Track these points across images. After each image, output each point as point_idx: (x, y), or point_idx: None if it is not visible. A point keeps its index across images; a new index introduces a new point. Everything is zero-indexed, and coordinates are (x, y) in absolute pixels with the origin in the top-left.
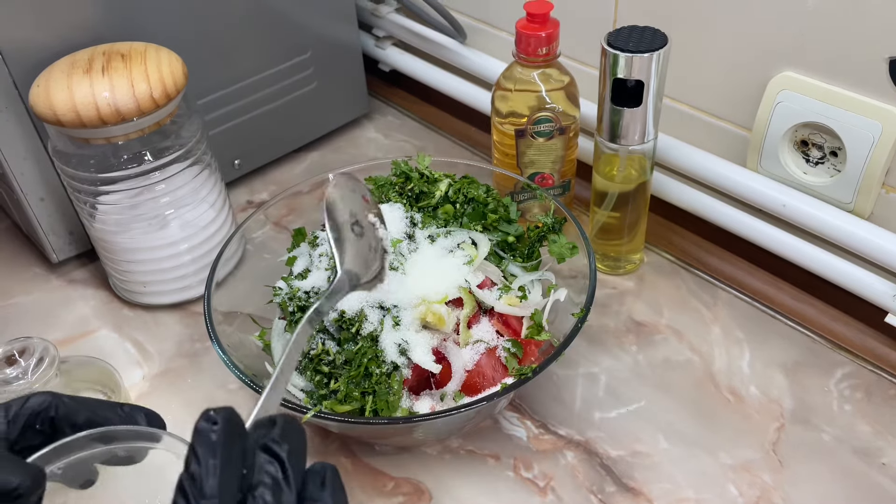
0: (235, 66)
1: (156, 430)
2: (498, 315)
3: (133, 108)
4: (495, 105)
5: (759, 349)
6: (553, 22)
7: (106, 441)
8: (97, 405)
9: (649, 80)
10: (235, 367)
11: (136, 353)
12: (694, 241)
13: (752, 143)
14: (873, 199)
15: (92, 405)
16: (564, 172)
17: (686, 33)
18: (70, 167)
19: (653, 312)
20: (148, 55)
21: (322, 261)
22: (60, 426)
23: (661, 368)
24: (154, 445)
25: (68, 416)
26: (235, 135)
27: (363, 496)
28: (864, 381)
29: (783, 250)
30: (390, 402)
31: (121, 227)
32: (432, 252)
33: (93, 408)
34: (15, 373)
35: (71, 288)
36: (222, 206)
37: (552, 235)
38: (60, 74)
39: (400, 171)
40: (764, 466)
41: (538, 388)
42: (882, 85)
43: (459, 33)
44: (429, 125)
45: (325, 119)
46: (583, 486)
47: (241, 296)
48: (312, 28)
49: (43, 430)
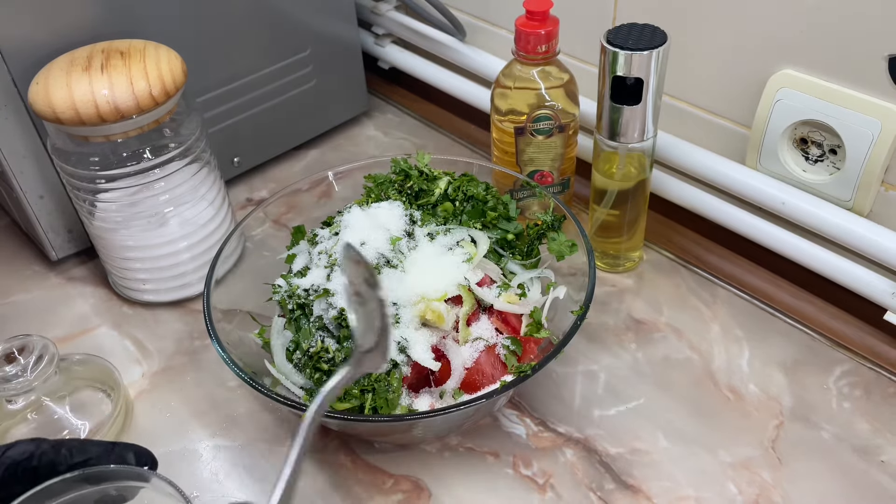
0: (235, 64)
1: (144, 471)
2: (497, 313)
3: (132, 105)
4: (495, 103)
5: (759, 347)
6: (552, 19)
7: (94, 482)
8: (84, 445)
9: (649, 77)
10: (235, 364)
11: (135, 350)
12: (693, 239)
13: (752, 141)
14: (872, 196)
15: (79, 446)
16: (564, 170)
17: (685, 31)
18: (69, 165)
19: (652, 310)
20: (147, 53)
21: (321, 258)
22: (43, 474)
23: (661, 366)
24: (143, 485)
25: (51, 465)
26: (235, 132)
27: (363, 494)
28: (863, 378)
29: (782, 248)
30: (390, 399)
31: (120, 225)
32: (432, 250)
33: (80, 449)
34: (14, 370)
35: (70, 286)
36: (221, 204)
37: (551, 233)
38: (59, 72)
39: (399, 168)
40: (763, 464)
41: (537, 386)
42: (881, 83)
43: (459, 31)
44: (428, 123)
45: (325, 117)
46: (582, 484)
47: (240, 293)
48: (312, 26)
49: (25, 478)
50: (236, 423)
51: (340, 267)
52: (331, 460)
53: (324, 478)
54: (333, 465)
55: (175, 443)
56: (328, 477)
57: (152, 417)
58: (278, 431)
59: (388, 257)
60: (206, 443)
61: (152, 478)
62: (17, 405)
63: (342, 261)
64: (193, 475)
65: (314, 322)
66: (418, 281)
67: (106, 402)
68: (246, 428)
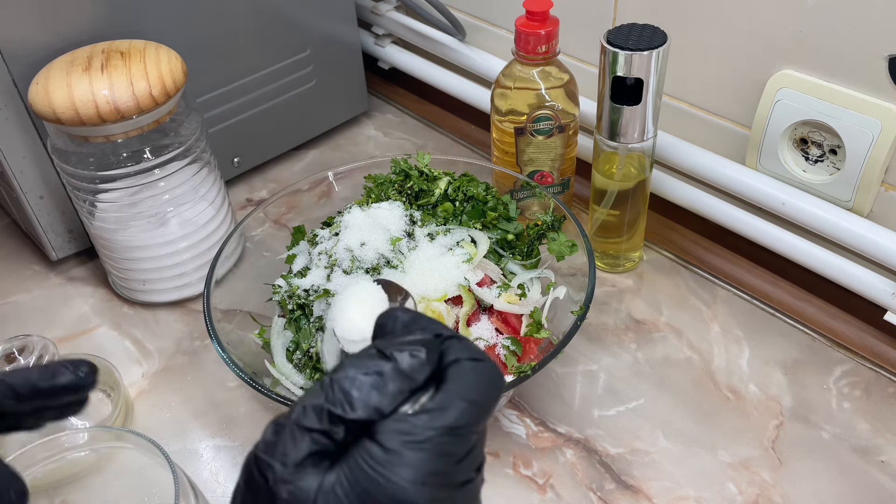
0: (235, 64)
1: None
2: (497, 313)
3: (132, 106)
4: (495, 103)
5: (759, 347)
6: (553, 20)
7: (29, 397)
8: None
9: (649, 77)
10: (235, 364)
11: (135, 350)
12: (693, 239)
13: (752, 141)
14: (872, 196)
15: (13, 371)
16: (564, 170)
17: (685, 31)
18: (69, 165)
19: (652, 310)
20: (147, 53)
21: (321, 259)
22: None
23: (661, 366)
24: (84, 396)
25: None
26: (235, 133)
27: None
28: (862, 378)
29: (782, 248)
30: None
31: (120, 225)
32: (432, 250)
33: (14, 373)
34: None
35: (70, 286)
36: (221, 204)
37: (551, 233)
38: (60, 72)
39: (399, 169)
40: (763, 464)
41: (537, 386)
42: (881, 83)
43: (459, 31)
44: (428, 123)
45: (325, 117)
46: (582, 484)
47: (240, 294)
48: (312, 26)
49: None
50: (236, 423)
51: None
52: None
53: None
54: None
55: (175, 443)
56: None
57: (152, 417)
58: None
59: (388, 258)
60: (206, 443)
61: (90, 383)
62: None
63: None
64: (193, 475)
65: (314, 322)
66: (418, 281)
67: (105, 402)
68: (246, 428)
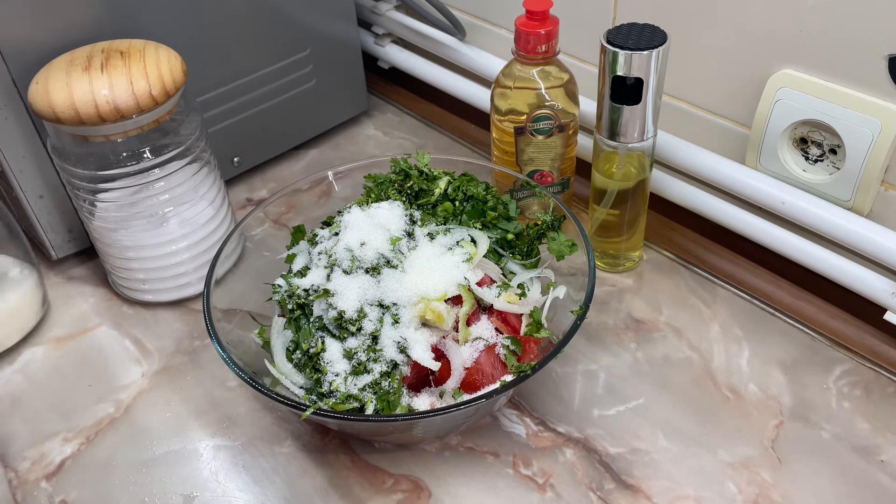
0: (235, 64)
1: None
2: (497, 312)
3: (132, 105)
4: (494, 102)
5: (758, 346)
6: (552, 19)
7: None
8: None
9: (648, 77)
10: (235, 364)
11: (135, 350)
12: (693, 239)
13: (752, 141)
14: (872, 196)
15: None
16: (564, 170)
17: (685, 30)
18: (69, 165)
19: (652, 310)
20: (147, 52)
21: (321, 258)
22: None
23: (660, 366)
24: None
25: None
26: (234, 132)
27: (362, 493)
28: (862, 378)
29: (782, 248)
30: (390, 399)
31: (120, 225)
32: (431, 250)
33: None
34: None
35: (70, 285)
36: (221, 204)
37: (551, 233)
38: (59, 72)
39: (399, 168)
40: (763, 464)
41: (537, 386)
42: (881, 82)
43: (459, 31)
44: (428, 123)
45: (325, 116)
46: (582, 484)
47: (240, 293)
48: (312, 25)
49: None
50: (236, 423)
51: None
52: (330, 460)
53: (323, 477)
54: (333, 465)
55: (175, 442)
56: (328, 476)
57: (152, 417)
58: (278, 431)
59: (388, 257)
60: (205, 442)
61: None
62: None
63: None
64: (193, 475)
65: (314, 322)
66: (418, 281)
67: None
68: (246, 428)
